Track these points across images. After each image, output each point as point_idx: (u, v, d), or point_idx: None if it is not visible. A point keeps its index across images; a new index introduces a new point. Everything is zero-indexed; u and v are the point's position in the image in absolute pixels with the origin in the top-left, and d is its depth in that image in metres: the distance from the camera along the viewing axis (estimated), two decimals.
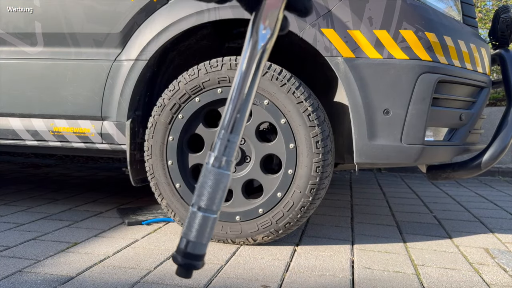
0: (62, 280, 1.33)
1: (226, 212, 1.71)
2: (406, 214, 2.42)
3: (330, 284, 1.36)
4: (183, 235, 0.51)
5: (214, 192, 0.50)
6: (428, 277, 1.46)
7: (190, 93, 1.68)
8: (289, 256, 1.61)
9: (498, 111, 4.24)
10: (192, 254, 0.51)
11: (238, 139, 0.51)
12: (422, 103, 1.54)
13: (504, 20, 1.93)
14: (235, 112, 0.50)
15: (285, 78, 1.60)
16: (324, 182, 1.63)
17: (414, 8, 1.55)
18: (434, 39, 1.54)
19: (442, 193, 3.22)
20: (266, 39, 0.52)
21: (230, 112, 0.51)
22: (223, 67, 1.64)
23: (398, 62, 1.54)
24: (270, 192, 1.67)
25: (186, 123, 1.72)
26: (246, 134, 1.69)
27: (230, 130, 0.50)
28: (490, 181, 4.04)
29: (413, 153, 1.57)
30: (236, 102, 0.51)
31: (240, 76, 0.51)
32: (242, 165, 1.71)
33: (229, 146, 0.50)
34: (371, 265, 1.56)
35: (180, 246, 0.51)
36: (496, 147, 1.73)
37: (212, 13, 1.67)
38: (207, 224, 0.51)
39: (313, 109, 1.59)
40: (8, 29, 1.88)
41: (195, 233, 0.50)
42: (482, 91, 1.80)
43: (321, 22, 1.57)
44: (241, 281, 1.36)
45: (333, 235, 1.93)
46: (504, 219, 2.40)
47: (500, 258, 1.69)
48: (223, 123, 0.51)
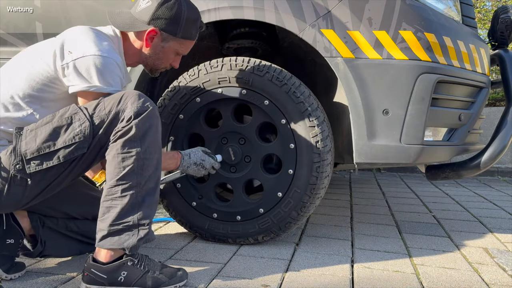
0: (63, 280, 1.34)
1: (226, 211, 1.71)
2: (406, 214, 2.42)
3: (329, 284, 1.37)
4: None
5: None
6: (428, 276, 1.47)
7: (191, 93, 1.69)
8: (289, 256, 1.61)
9: (497, 111, 4.25)
10: None
11: None
12: (421, 103, 1.54)
13: (503, 20, 1.94)
14: None
15: (285, 78, 1.61)
16: (324, 182, 1.64)
17: (414, 9, 1.56)
18: (433, 39, 1.55)
19: (442, 193, 3.22)
20: None
21: None
22: (223, 67, 1.65)
23: (398, 63, 1.54)
24: (270, 192, 1.67)
25: (187, 123, 1.72)
26: (246, 134, 1.69)
27: None
28: (489, 181, 4.05)
29: (412, 153, 1.57)
30: None
31: None
32: (242, 165, 1.72)
33: None
34: (370, 264, 1.56)
35: None
36: (495, 147, 1.73)
37: (213, 13, 1.67)
38: None
39: (313, 109, 1.60)
40: (9, 29, 1.88)
41: None
42: (481, 91, 1.81)
43: (320, 23, 1.57)
44: (241, 280, 1.36)
45: (332, 234, 1.94)
46: (503, 218, 2.41)
47: (499, 258, 1.70)
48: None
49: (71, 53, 1.26)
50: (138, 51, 1.44)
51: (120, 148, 1.21)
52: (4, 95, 1.29)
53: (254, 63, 1.63)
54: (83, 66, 1.25)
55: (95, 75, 1.25)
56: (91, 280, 1.23)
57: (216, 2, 1.65)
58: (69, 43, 1.29)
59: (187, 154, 1.55)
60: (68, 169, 1.25)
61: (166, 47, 1.43)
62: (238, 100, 1.67)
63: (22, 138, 1.22)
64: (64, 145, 1.21)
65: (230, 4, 1.65)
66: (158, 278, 1.26)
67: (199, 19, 1.45)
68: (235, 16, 1.66)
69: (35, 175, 1.22)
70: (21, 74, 1.30)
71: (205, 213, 1.73)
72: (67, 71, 1.26)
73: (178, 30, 1.40)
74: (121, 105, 1.22)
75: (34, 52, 1.34)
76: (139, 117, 1.21)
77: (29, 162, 1.21)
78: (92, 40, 1.29)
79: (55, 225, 1.47)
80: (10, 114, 1.28)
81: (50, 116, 1.24)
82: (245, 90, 1.64)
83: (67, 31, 1.35)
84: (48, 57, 1.28)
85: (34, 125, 1.24)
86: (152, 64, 1.47)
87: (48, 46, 1.32)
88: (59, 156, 1.21)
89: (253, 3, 1.62)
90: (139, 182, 1.22)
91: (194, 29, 1.44)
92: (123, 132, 1.21)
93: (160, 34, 1.40)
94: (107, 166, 1.24)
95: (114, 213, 1.22)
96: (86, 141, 1.21)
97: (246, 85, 1.63)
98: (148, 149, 1.23)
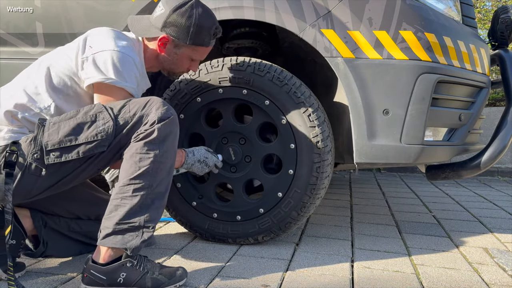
0: (63, 280, 1.34)
1: (226, 211, 1.71)
2: (406, 214, 2.43)
3: (329, 284, 1.37)
4: None
5: None
6: (428, 276, 1.47)
7: (191, 93, 1.69)
8: (289, 256, 1.61)
9: (497, 111, 4.25)
10: None
11: None
12: (421, 103, 1.54)
13: (504, 20, 1.93)
14: None
15: (285, 78, 1.61)
16: (324, 182, 1.64)
17: (414, 9, 1.56)
18: (433, 39, 1.55)
19: (442, 193, 3.23)
20: None
21: None
22: (224, 67, 1.65)
23: (398, 63, 1.54)
24: (270, 192, 1.67)
25: (187, 123, 1.73)
26: (247, 134, 1.69)
27: None
28: (489, 181, 4.05)
29: (412, 153, 1.57)
30: None
31: None
32: (243, 165, 1.72)
33: None
34: (370, 264, 1.56)
35: None
36: (496, 147, 1.73)
37: None
38: None
39: (313, 110, 1.60)
40: (9, 29, 1.88)
41: None
42: (482, 91, 1.81)
43: (321, 23, 1.57)
44: (241, 280, 1.36)
45: (332, 234, 1.94)
46: (503, 219, 2.41)
47: (499, 258, 1.70)
48: None
49: (92, 48, 1.33)
50: (155, 56, 1.48)
51: (140, 148, 1.24)
52: (29, 85, 1.35)
53: (254, 63, 1.63)
54: (101, 60, 1.30)
55: (111, 69, 1.29)
56: (91, 281, 1.23)
57: (216, 2, 1.65)
58: (91, 39, 1.36)
59: (191, 151, 1.56)
60: (84, 165, 1.28)
61: (180, 53, 1.47)
62: (239, 100, 1.67)
63: (45, 130, 1.25)
64: (85, 141, 1.24)
65: (230, 4, 1.65)
66: (157, 279, 1.26)
67: (214, 26, 1.46)
68: (235, 16, 1.66)
69: (51, 166, 1.25)
70: (46, 67, 1.36)
71: (205, 213, 1.73)
72: (86, 64, 1.32)
73: (189, 38, 1.42)
74: (146, 110, 1.26)
75: (62, 50, 1.41)
76: (162, 122, 1.25)
77: (49, 153, 1.23)
78: (113, 37, 1.35)
79: (57, 226, 1.48)
80: (33, 103, 1.33)
81: (75, 111, 1.27)
82: (246, 90, 1.64)
83: (91, 30, 1.41)
84: (72, 52, 1.36)
85: (58, 118, 1.27)
86: (168, 68, 1.52)
87: (73, 44, 1.40)
88: (79, 151, 1.24)
89: (253, 3, 1.62)
90: (151, 184, 1.24)
91: (207, 36, 1.45)
92: (145, 134, 1.24)
93: (172, 41, 1.44)
94: (123, 164, 1.26)
95: (122, 212, 1.23)
96: (107, 139, 1.24)
97: (247, 85, 1.63)
98: (165, 154, 1.26)
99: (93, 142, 1.24)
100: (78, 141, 1.23)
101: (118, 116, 1.25)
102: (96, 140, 1.23)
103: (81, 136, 1.24)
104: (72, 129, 1.24)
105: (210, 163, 1.59)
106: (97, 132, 1.23)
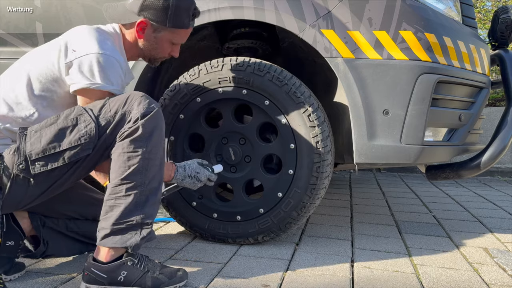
0: (63, 280, 1.34)
1: (226, 211, 1.72)
2: (406, 214, 2.43)
3: (329, 284, 1.37)
4: None
5: None
6: (428, 276, 1.47)
7: (191, 93, 1.69)
8: (289, 256, 1.61)
9: (497, 111, 4.25)
10: None
11: None
12: (421, 104, 1.54)
13: (504, 20, 1.94)
14: None
15: (285, 78, 1.61)
16: (324, 182, 1.64)
17: (414, 9, 1.56)
18: (433, 39, 1.55)
19: (442, 193, 3.23)
20: None
21: None
22: (224, 67, 1.65)
23: (398, 63, 1.54)
24: (270, 192, 1.67)
25: (187, 123, 1.73)
26: (247, 134, 1.69)
27: None
28: (490, 181, 4.05)
29: (412, 153, 1.57)
30: None
31: None
32: (243, 165, 1.72)
33: None
34: (370, 264, 1.56)
35: None
36: (496, 147, 1.73)
37: (213, 13, 1.67)
38: None
39: (313, 110, 1.60)
40: (9, 30, 1.88)
41: None
42: (482, 91, 1.81)
43: (321, 23, 1.58)
44: (241, 280, 1.36)
45: (332, 234, 1.94)
46: (503, 218, 2.41)
47: (499, 258, 1.70)
48: None
49: (75, 51, 1.28)
50: (135, 43, 1.44)
51: (126, 147, 1.22)
52: (9, 94, 1.30)
53: (254, 63, 1.63)
54: (86, 64, 1.26)
55: (97, 73, 1.26)
56: (91, 280, 1.23)
57: (216, 2, 1.65)
58: (73, 42, 1.31)
59: (182, 166, 1.52)
60: (72, 169, 1.26)
61: (159, 37, 1.42)
62: (239, 100, 1.67)
63: (26, 139, 1.22)
64: (69, 146, 1.21)
65: (230, 4, 1.65)
66: (158, 278, 1.26)
67: (192, 7, 1.41)
68: (235, 16, 1.66)
69: (38, 175, 1.23)
70: (26, 74, 1.31)
71: (205, 213, 1.73)
72: (71, 69, 1.28)
73: (168, 20, 1.38)
74: (127, 107, 1.23)
75: (39, 53, 1.35)
76: (145, 118, 1.22)
77: (34, 163, 1.21)
78: (96, 39, 1.30)
79: (56, 225, 1.47)
80: (14, 113, 1.29)
81: (55, 117, 1.24)
82: (246, 90, 1.64)
83: (71, 31, 1.36)
84: (53, 56, 1.30)
85: (39, 125, 1.24)
86: (149, 55, 1.47)
87: (52, 46, 1.33)
88: (64, 157, 1.22)
89: (253, 3, 1.62)
90: (143, 181, 1.23)
91: (187, 18, 1.41)
92: (130, 132, 1.22)
93: (150, 25, 1.39)
94: (112, 165, 1.24)
95: (118, 212, 1.22)
96: (91, 142, 1.22)
97: (247, 85, 1.63)
98: (153, 149, 1.24)
99: (77, 146, 1.21)
100: (61, 147, 1.21)
101: (99, 117, 1.23)
102: (80, 144, 1.21)
103: (64, 141, 1.21)
104: (54, 136, 1.21)
105: (203, 178, 1.54)
106: (80, 136, 1.21)
